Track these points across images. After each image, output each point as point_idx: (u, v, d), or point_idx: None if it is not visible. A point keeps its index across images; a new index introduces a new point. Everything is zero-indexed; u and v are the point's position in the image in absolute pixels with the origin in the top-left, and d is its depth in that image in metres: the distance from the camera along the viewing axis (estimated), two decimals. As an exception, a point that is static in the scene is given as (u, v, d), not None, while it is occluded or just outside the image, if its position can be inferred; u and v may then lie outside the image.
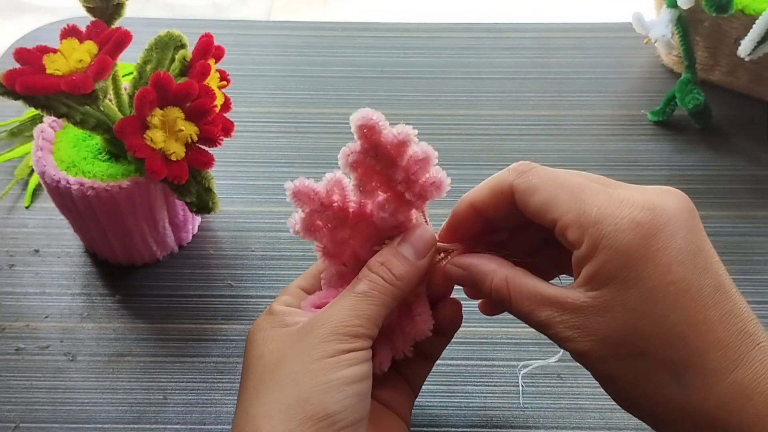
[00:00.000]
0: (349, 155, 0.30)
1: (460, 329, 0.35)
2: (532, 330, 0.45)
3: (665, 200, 0.28)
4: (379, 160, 0.30)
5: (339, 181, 0.32)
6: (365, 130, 0.30)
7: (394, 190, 0.31)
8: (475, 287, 0.32)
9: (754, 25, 0.51)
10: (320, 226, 0.32)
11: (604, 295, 0.27)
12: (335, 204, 0.32)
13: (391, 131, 0.30)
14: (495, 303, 0.33)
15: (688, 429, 0.27)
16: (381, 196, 0.32)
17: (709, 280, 0.27)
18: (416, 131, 0.31)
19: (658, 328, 0.27)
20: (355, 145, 0.30)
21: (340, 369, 0.29)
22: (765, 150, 0.57)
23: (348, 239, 0.33)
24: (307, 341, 0.30)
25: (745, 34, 0.52)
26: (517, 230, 0.34)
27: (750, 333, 0.27)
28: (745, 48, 0.52)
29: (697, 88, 0.56)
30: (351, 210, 0.32)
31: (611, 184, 0.30)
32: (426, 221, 0.33)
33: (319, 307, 0.32)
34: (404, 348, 0.34)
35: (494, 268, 0.31)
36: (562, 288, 0.29)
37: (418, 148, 0.30)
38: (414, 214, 0.33)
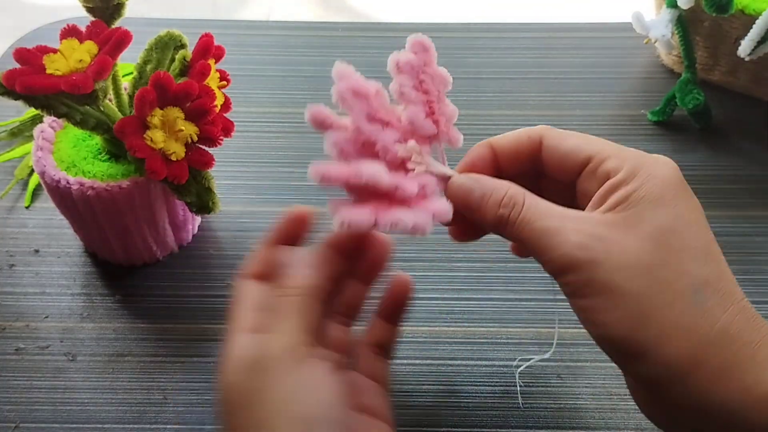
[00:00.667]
0: (401, 57, 0.35)
1: (461, 329, 0.35)
2: (532, 330, 0.45)
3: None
4: (425, 76, 0.34)
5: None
6: (421, 47, 0.35)
7: (429, 109, 0.34)
8: (479, 204, 0.31)
9: (754, 25, 0.51)
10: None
11: (633, 212, 0.28)
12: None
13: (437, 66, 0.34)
14: (500, 219, 0.31)
15: (694, 349, 0.27)
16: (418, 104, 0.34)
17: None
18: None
19: (685, 245, 0.28)
20: (407, 53, 0.34)
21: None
22: (765, 150, 0.57)
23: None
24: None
25: (745, 34, 0.52)
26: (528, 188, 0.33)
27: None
28: (745, 48, 0.52)
29: (697, 88, 0.56)
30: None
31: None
32: (444, 160, 0.34)
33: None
34: (424, 221, 0.31)
35: (510, 184, 0.31)
36: (580, 211, 0.30)
37: (449, 105, 0.35)
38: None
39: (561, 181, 0.33)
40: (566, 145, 0.32)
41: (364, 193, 0.32)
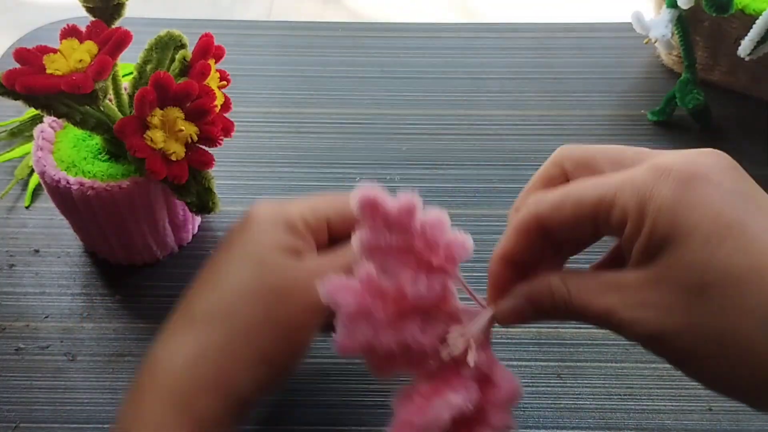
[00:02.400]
0: (362, 241, 0.29)
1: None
2: (532, 330, 0.45)
3: (701, 155, 0.27)
4: (393, 233, 0.29)
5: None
6: (369, 209, 0.28)
7: (420, 262, 0.29)
8: (536, 312, 0.29)
9: (754, 25, 0.51)
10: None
11: (662, 261, 0.25)
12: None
13: (394, 201, 0.28)
14: (556, 312, 0.29)
15: None
16: (408, 273, 0.29)
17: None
18: (418, 197, 0.29)
19: (728, 277, 0.24)
20: (362, 230, 0.29)
21: None
22: (765, 150, 0.57)
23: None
24: None
25: (745, 34, 0.52)
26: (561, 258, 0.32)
27: None
28: (745, 48, 0.52)
29: (697, 88, 0.56)
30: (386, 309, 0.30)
31: (648, 153, 0.28)
32: (467, 288, 0.31)
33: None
34: (503, 421, 0.30)
35: (545, 277, 0.29)
36: (619, 270, 0.27)
37: (428, 213, 0.29)
38: (451, 285, 0.30)
39: (579, 243, 0.30)
40: (567, 216, 0.28)
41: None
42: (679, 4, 0.53)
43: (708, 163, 0.26)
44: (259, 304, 0.32)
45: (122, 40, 0.39)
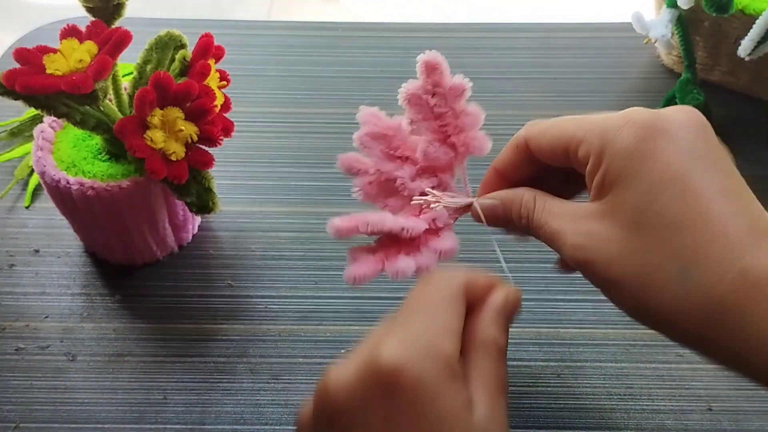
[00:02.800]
0: (409, 89, 0.33)
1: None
2: (532, 330, 0.45)
3: (674, 111, 0.29)
4: (435, 97, 0.33)
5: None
6: (430, 68, 0.33)
7: (444, 134, 0.34)
8: (505, 216, 0.33)
9: (754, 25, 0.51)
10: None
11: (610, 199, 0.28)
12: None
13: (451, 77, 0.33)
14: (519, 223, 0.32)
15: (698, 327, 0.26)
16: (429, 136, 0.34)
17: (717, 180, 0.27)
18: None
19: (661, 220, 0.26)
20: (413, 82, 0.33)
21: None
22: (765, 150, 0.57)
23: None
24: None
25: (745, 34, 0.52)
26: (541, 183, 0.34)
27: (760, 229, 0.26)
28: (745, 48, 0.52)
29: (697, 88, 0.56)
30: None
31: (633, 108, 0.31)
32: (465, 177, 0.35)
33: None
34: (429, 262, 0.33)
35: (523, 189, 0.33)
36: (579, 203, 0.30)
37: (471, 105, 0.33)
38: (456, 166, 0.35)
39: (559, 169, 0.33)
40: (546, 142, 0.32)
41: (380, 236, 0.34)
42: (679, 4, 0.53)
43: (676, 119, 0.28)
44: None
45: (122, 40, 0.39)
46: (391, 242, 0.34)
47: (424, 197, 0.34)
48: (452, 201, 0.34)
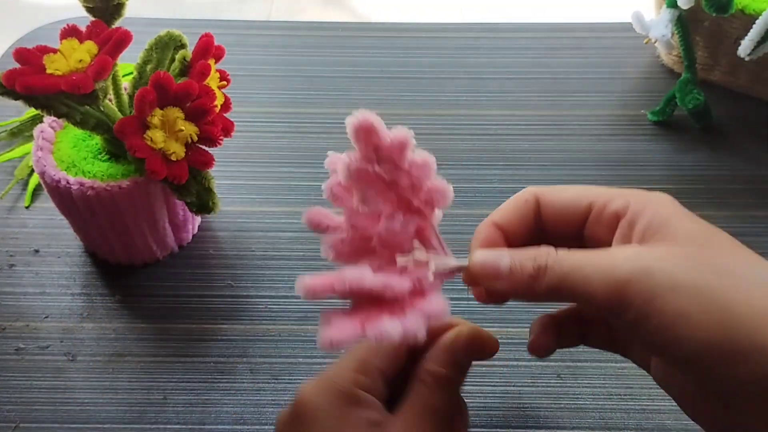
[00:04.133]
0: (350, 165, 0.29)
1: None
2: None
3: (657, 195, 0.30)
4: (382, 164, 0.29)
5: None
6: (363, 133, 0.28)
7: (400, 200, 0.29)
8: (512, 273, 0.28)
9: (754, 25, 0.51)
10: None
11: (666, 232, 0.27)
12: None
13: (389, 133, 0.28)
14: (539, 281, 0.27)
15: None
16: (387, 210, 0.30)
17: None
18: (413, 133, 0.29)
19: (728, 242, 0.26)
20: (353, 154, 0.29)
21: None
22: (765, 150, 0.57)
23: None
24: None
25: (745, 34, 0.52)
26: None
27: None
28: (745, 48, 0.52)
29: (697, 88, 0.56)
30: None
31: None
32: (439, 238, 0.31)
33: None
34: (416, 326, 0.27)
35: (534, 247, 0.28)
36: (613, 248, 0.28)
37: (416, 154, 0.29)
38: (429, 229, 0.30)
39: (565, 236, 0.31)
40: (564, 198, 0.30)
41: (358, 297, 0.29)
42: (679, 4, 0.53)
43: (666, 197, 0.29)
44: None
45: (122, 40, 0.39)
46: (371, 304, 0.29)
47: (409, 256, 0.30)
48: (442, 264, 0.30)
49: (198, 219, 0.49)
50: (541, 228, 0.31)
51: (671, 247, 0.26)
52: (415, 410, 0.30)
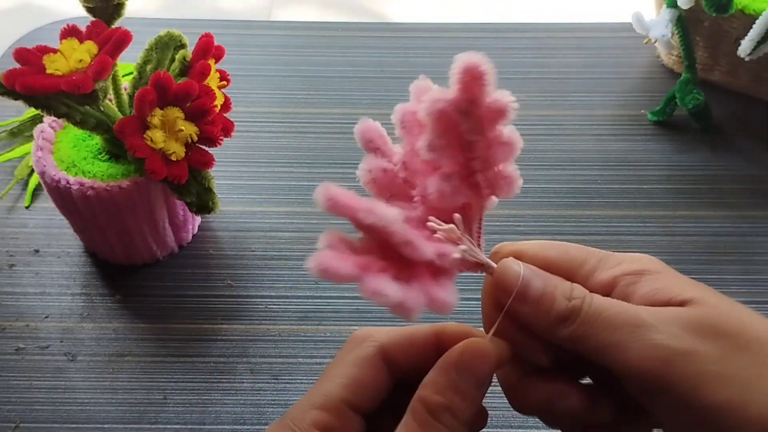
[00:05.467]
0: (437, 101, 0.25)
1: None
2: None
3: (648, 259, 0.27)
4: (469, 120, 0.25)
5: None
6: (469, 78, 0.25)
7: (466, 166, 0.26)
8: (541, 296, 0.25)
9: (754, 25, 0.51)
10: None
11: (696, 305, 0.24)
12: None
13: (494, 92, 0.25)
14: (566, 314, 0.25)
15: None
16: (448, 168, 0.26)
17: None
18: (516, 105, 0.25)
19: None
20: (447, 92, 0.25)
21: None
22: (765, 150, 0.57)
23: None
24: None
25: (745, 34, 0.52)
26: None
27: None
28: (745, 48, 0.52)
29: (697, 88, 0.56)
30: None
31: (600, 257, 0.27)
32: (480, 225, 0.27)
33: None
34: (415, 304, 0.24)
35: (572, 283, 0.25)
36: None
37: (507, 129, 0.25)
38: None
39: None
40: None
41: (371, 236, 0.26)
42: (679, 4, 0.53)
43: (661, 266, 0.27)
44: None
45: (122, 40, 0.39)
46: (381, 253, 0.25)
47: (444, 225, 0.26)
48: (473, 251, 0.26)
49: (198, 219, 0.49)
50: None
51: (713, 327, 0.24)
52: None
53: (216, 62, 0.43)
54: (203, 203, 0.43)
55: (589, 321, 0.24)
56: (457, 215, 0.26)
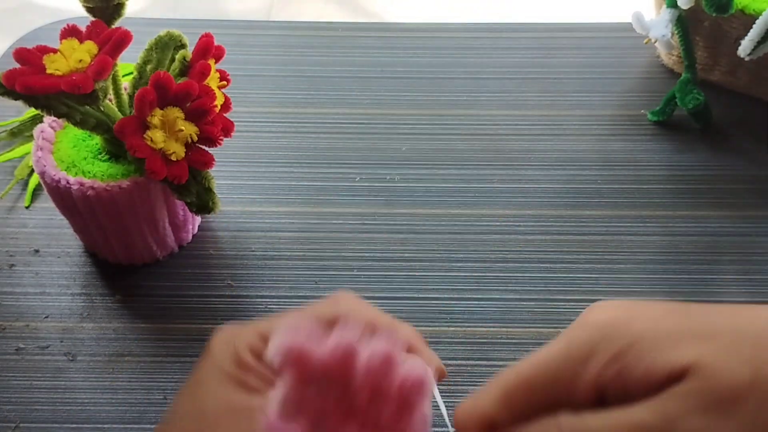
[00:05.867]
0: (285, 400, 0.23)
1: (460, 329, 0.35)
2: (532, 330, 0.45)
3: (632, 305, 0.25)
4: (328, 386, 0.23)
5: None
6: (294, 359, 0.23)
7: (366, 420, 0.24)
8: None
9: (754, 25, 0.51)
10: None
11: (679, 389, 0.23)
12: None
13: (324, 345, 0.22)
14: None
15: None
16: None
17: None
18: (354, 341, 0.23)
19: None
20: (285, 384, 0.23)
21: None
22: (765, 150, 0.57)
23: None
24: None
25: (745, 34, 0.52)
26: None
27: None
28: (745, 48, 0.52)
29: (697, 88, 0.56)
30: None
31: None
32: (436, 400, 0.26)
33: None
34: None
35: (547, 418, 0.24)
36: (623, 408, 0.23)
37: (371, 352, 0.23)
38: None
39: None
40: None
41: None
42: (679, 4, 0.53)
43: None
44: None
45: (122, 40, 0.39)
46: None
47: None
48: None
49: (198, 219, 0.49)
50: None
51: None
52: None
53: (216, 62, 0.43)
54: (203, 203, 0.43)
55: None
56: None
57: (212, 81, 0.42)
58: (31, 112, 0.55)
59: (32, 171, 0.52)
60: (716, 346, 0.23)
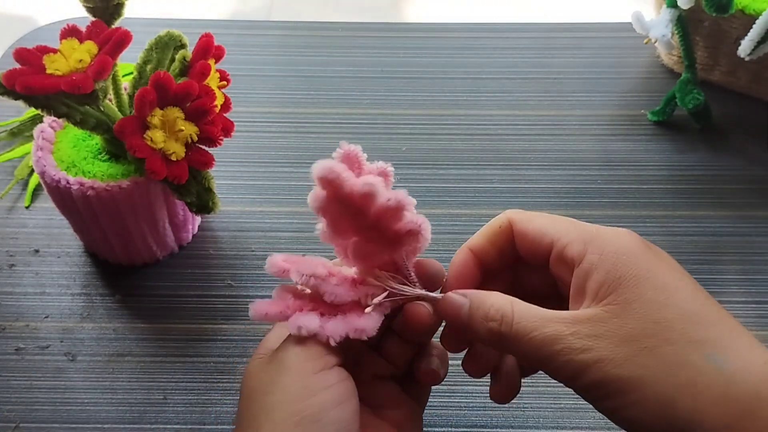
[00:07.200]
0: (313, 203, 0.30)
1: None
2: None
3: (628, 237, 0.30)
4: (346, 208, 0.29)
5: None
6: (326, 183, 0.29)
7: (367, 234, 0.30)
8: (470, 319, 0.30)
9: (754, 25, 0.51)
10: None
11: (615, 299, 0.27)
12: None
13: (354, 184, 0.29)
14: (492, 330, 0.29)
15: (733, 419, 0.24)
16: (354, 239, 0.31)
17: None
18: (384, 180, 0.29)
19: (683, 313, 0.26)
20: (316, 195, 0.30)
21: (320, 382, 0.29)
22: (765, 150, 0.57)
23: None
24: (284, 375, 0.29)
25: (745, 34, 0.52)
26: (513, 281, 0.34)
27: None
28: (745, 48, 0.52)
29: (697, 88, 0.56)
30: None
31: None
32: (410, 274, 0.31)
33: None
34: (335, 333, 0.29)
35: (496, 294, 0.30)
36: (570, 311, 0.29)
37: (390, 195, 0.29)
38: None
39: (538, 265, 0.32)
40: (532, 229, 0.31)
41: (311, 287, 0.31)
42: (679, 4, 0.53)
43: (625, 241, 0.30)
44: None
45: (122, 40, 0.39)
46: (317, 297, 0.31)
47: (374, 278, 0.31)
48: (400, 289, 0.31)
49: (198, 219, 0.49)
50: (514, 256, 0.32)
51: (621, 331, 0.27)
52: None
53: (216, 62, 0.43)
54: (203, 203, 0.43)
55: (514, 341, 0.28)
56: (379, 272, 0.31)
57: (212, 81, 0.42)
58: (31, 112, 0.55)
59: (32, 171, 0.52)
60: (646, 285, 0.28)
